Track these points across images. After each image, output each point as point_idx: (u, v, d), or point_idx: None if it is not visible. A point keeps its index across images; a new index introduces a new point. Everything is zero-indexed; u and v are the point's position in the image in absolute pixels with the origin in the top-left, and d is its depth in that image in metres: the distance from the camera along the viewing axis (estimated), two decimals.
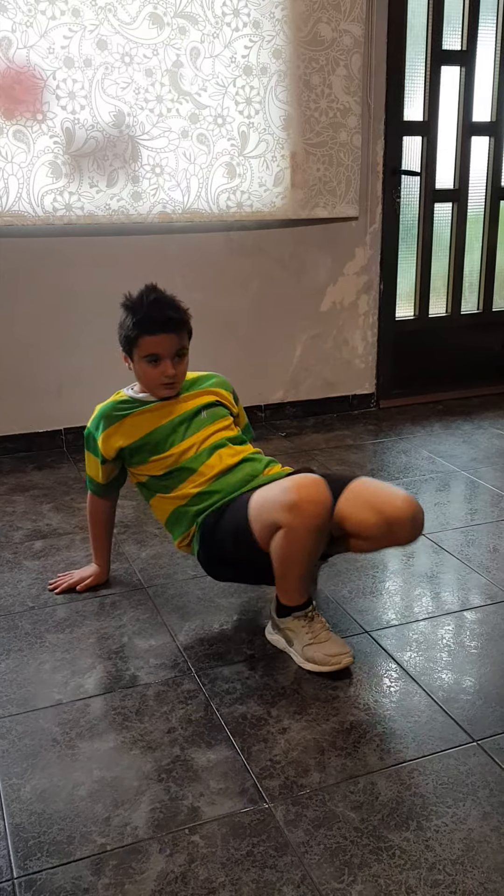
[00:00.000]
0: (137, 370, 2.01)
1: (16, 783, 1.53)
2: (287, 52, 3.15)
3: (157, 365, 1.97)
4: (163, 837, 1.41)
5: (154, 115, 3.02)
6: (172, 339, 1.96)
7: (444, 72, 3.54)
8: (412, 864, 1.34)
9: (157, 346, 1.95)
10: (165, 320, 1.94)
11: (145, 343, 1.95)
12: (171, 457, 1.98)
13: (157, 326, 1.94)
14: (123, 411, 2.02)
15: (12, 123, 2.86)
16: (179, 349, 1.98)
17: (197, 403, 2.06)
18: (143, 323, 1.94)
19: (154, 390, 2.02)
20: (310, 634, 1.85)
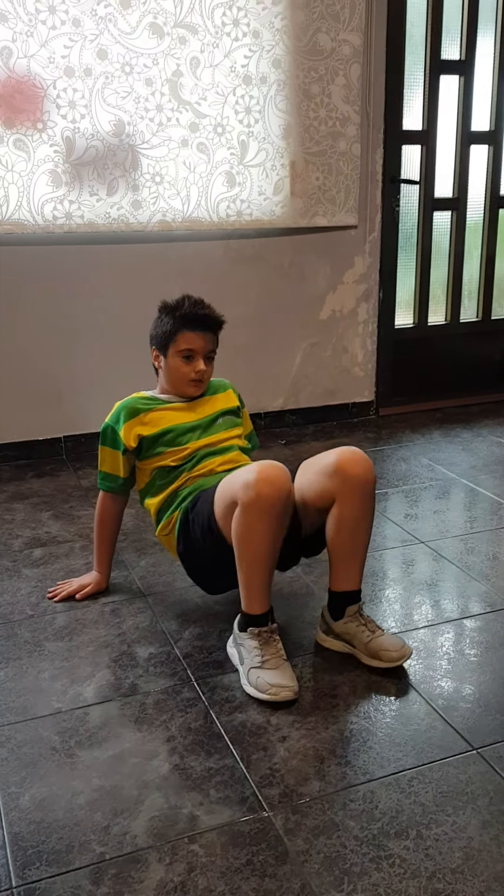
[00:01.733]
0: (170, 365, 2.10)
1: (15, 792, 1.53)
2: (286, 62, 3.17)
3: (190, 362, 2.08)
4: (162, 846, 1.40)
5: (154, 124, 3.04)
6: (208, 339, 2.09)
7: (443, 81, 3.56)
8: (412, 873, 1.34)
9: (194, 342, 2.07)
10: (206, 317, 2.09)
11: (184, 338, 2.07)
12: (186, 450, 2.06)
13: (197, 322, 2.07)
14: (146, 406, 2.10)
15: (13, 132, 2.87)
16: (211, 351, 2.11)
17: (216, 409, 2.15)
18: (185, 318, 2.06)
19: (182, 388, 2.11)
20: (259, 657, 1.79)
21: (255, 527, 1.74)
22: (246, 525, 1.75)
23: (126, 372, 2.62)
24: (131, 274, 3.20)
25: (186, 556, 2.03)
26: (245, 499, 1.73)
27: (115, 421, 2.09)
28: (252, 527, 1.74)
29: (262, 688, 1.76)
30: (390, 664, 1.84)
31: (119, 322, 3.19)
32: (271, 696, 1.74)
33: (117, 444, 2.08)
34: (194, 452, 2.06)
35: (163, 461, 2.06)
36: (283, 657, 1.81)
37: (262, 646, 1.80)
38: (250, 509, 1.73)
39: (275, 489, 1.72)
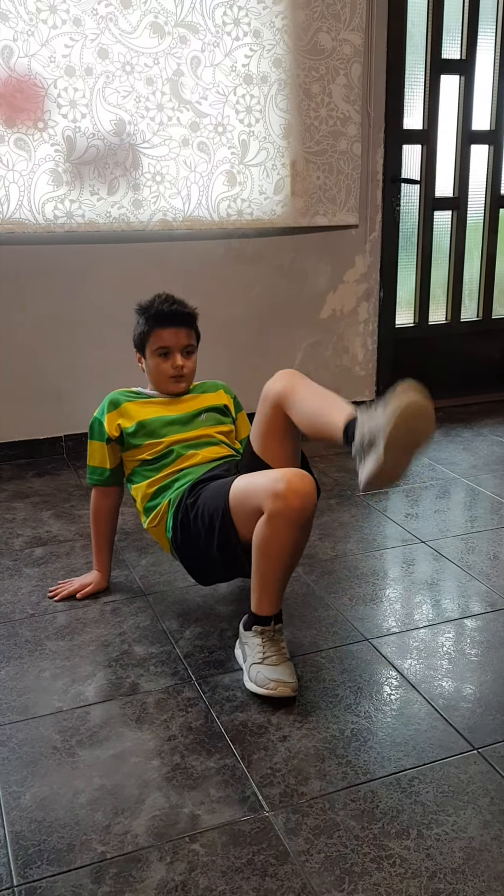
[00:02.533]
0: (149, 366, 2.15)
1: (16, 791, 1.53)
2: (287, 61, 3.17)
3: (167, 358, 2.12)
4: (163, 845, 1.40)
5: (155, 123, 3.04)
6: (181, 333, 2.11)
7: (443, 80, 3.56)
8: (413, 873, 1.34)
9: (167, 338, 2.10)
10: (174, 313, 2.11)
11: (156, 336, 2.10)
12: (162, 444, 2.09)
13: (167, 319, 2.10)
14: (129, 398, 2.14)
15: (13, 132, 2.87)
16: (188, 345, 2.13)
17: (200, 405, 2.17)
18: (155, 317, 2.12)
19: (164, 385, 2.15)
20: (261, 654, 1.79)
21: (281, 536, 1.73)
22: (272, 534, 1.73)
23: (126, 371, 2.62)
24: (132, 273, 3.20)
25: (184, 548, 1.99)
26: (273, 509, 1.70)
27: (100, 413, 2.14)
28: (277, 536, 1.73)
29: (260, 682, 1.76)
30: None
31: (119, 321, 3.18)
32: (269, 690, 1.74)
33: (102, 435, 2.12)
34: (170, 447, 2.08)
35: (141, 454, 2.09)
36: (285, 655, 1.81)
37: (264, 643, 1.80)
38: (278, 520, 1.71)
39: (304, 500, 1.71)
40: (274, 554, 1.75)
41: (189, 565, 2.05)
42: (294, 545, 1.76)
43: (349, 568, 2.37)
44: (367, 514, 2.74)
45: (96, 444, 2.14)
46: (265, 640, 1.80)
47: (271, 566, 1.77)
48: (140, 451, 2.10)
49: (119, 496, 2.21)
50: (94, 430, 2.14)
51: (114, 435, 2.10)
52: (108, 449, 2.12)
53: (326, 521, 2.68)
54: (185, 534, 1.97)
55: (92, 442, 2.15)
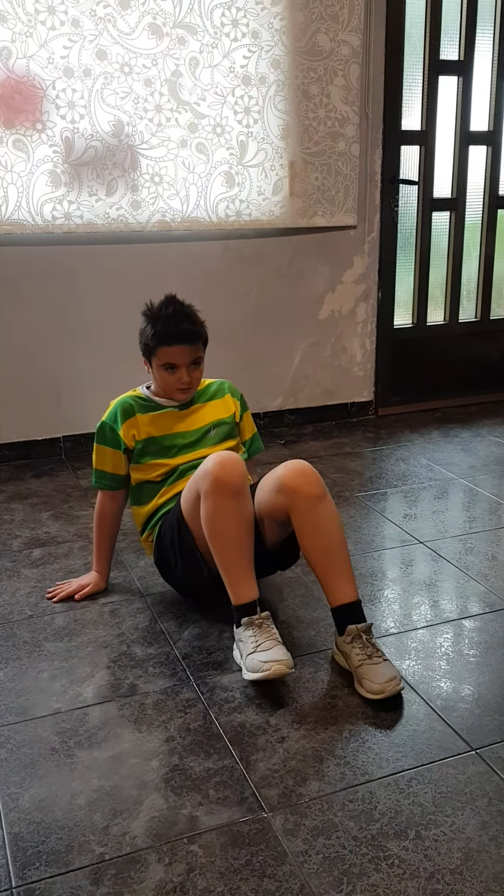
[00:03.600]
0: (155, 375, 2.13)
1: (14, 792, 1.53)
2: (285, 62, 3.17)
3: (173, 372, 2.09)
4: (161, 847, 1.40)
5: (153, 124, 3.04)
6: (188, 350, 2.08)
7: (441, 81, 3.56)
8: (411, 874, 1.34)
9: (173, 356, 2.07)
10: (181, 333, 2.06)
11: (162, 353, 2.07)
12: (168, 466, 2.09)
13: (173, 338, 2.06)
14: (140, 407, 2.13)
15: (12, 133, 2.87)
16: (195, 359, 2.11)
17: (208, 419, 2.17)
18: (161, 335, 2.05)
19: (170, 394, 2.14)
20: (254, 643, 1.79)
21: (221, 511, 1.81)
22: (212, 511, 1.82)
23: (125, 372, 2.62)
24: (130, 274, 3.20)
25: (161, 563, 2.11)
26: (205, 486, 1.82)
27: (112, 419, 2.11)
28: (217, 511, 1.81)
29: (255, 668, 1.76)
30: (370, 696, 1.74)
31: (118, 322, 3.19)
32: (265, 672, 1.74)
33: (118, 444, 2.10)
34: (175, 468, 2.09)
35: (147, 475, 2.10)
36: (277, 639, 1.81)
37: (256, 633, 1.81)
38: (212, 494, 1.81)
39: (228, 473, 1.82)
40: (221, 528, 1.82)
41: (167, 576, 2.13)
42: (236, 516, 1.82)
43: None
44: (365, 514, 2.75)
45: (108, 451, 2.12)
46: (255, 629, 1.82)
47: (225, 546, 1.83)
48: (148, 470, 2.10)
49: (125, 500, 2.22)
50: (107, 436, 2.12)
51: (130, 445, 2.10)
52: (125, 458, 2.12)
53: None
54: (158, 542, 2.07)
55: (103, 447, 2.12)
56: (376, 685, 1.74)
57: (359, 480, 3.04)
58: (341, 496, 2.89)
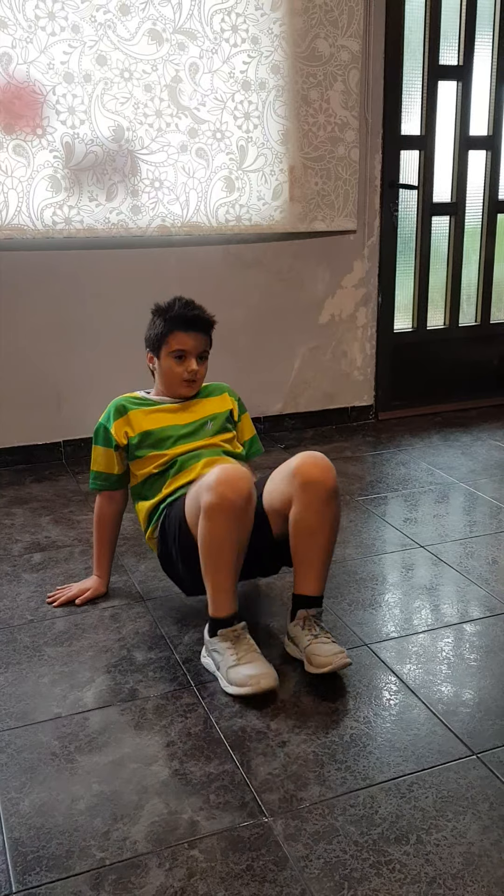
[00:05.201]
0: (163, 367, 2.13)
1: (14, 797, 1.53)
2: (285, 68, 3.18)
3: (182, 362, 2.10)
4: (162, 852, 1.40)
5: (153, 129, 3.05)
6: (199, 339, 2.11)
7: (440, 86, 3.57)
8: (412, 879, 1.34)
9: (185, 342, 2.09)
10: (195, 318, 2.10)
11: (175, 338, 2.09)
12: (167, 455, 2.08)
13: (188, 323, 2.09)
14: (134, 405, 2.13)
15: (12, 138, 2.88)
16: (203, 351, 2.13)
17: (205, 413, 2.16)
18: (176, 320, 2.09)
19: (175, 388, 2.14)
20: (234, 656, 1.79)
21: (217, 530, 1.77)
22: (208, 528, 1.78)
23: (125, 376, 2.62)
24: (131, 279, 3.20)
25: (163, 558, 2.08)
26: (206, 502, 1.77)
27: (106, 420, 2.13)
28: (214, 530, 1.77)
29: (241, 682, 1.76)
30: (316, 670, 1.80)
31: (118, 327, 3.19)
32: (252, 687, 1.74)
33: (109, 442, 2.11)
34: (174, 458, 2.08)
35: (147, 468, 2.09)
36: (256, 651, 1.81)
37: (234, 645, 1.81)
38: (211, 513, 1.77)
39: (234, 491, 1.76)
40: (216, 546, 1.79)
41: (169, 574, 2.11)
42: (234, 536, 1.78)
43: (348, 573, 2.37)
44: (365, 518, 2.74)
45: (101, 450, 2.13)
46: (233, 641, 1.81)
47: (215, 563, 1.81)
48: (146, 463, 2.09)
49: (124, 502, 2.21)
50: (100, 435, 2.13)
51: (122, 443, 2.10)
52: (116, 455, 2.12)
53: None
54: (161, 542, 2.05)
55: (97, 447, 2.14)
56: (322, 658, 1.79)
57: (359, 484, 3.04)
58: (342, 500, 2.89)
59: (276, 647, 1.98)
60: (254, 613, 2.14)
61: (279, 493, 1.93)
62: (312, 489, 1.86)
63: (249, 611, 2.15)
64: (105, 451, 2.12)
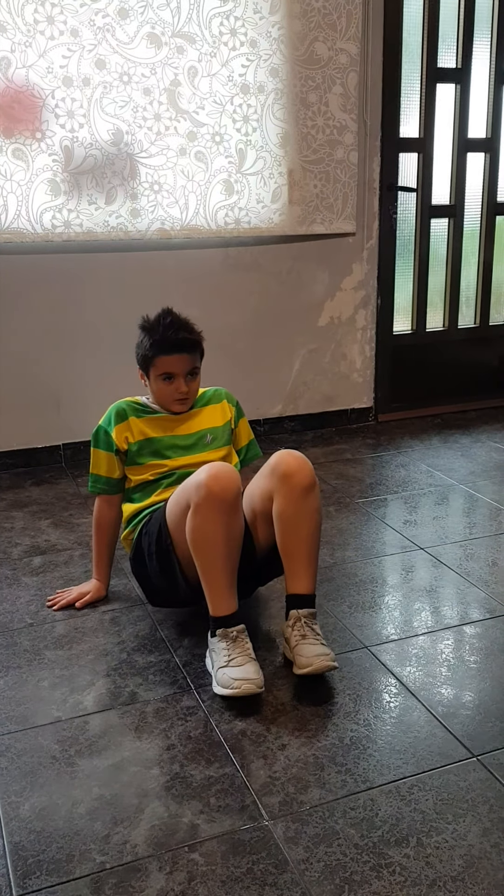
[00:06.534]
0: (153, 387, 2.13)
1: (15, 801, 1.53)
2: (284, 71, 3.18)
3: (171, 382, 2.09)
4: (162, 855, 1.40)
5: (152, 133, 3.05)
6: (186, 359, 2.08)
7: (439, 89, 3.57)
8: (413, 881, 1.34)
9: (171, 365, 2.07)
10: (180, 341, 2.07)
11: (161, 362, 2.07)
12: (166, 467, 2.09)
13: (172, 347, 2.06)
14: (135, 412, 2.13)
15: (11, 142, 2.88)
16: (192, 368, 2.11)
17: (204, 425, 2.16)
18: (160, 344, 2.07)
19: (167, 405, 2.14)
20: (226, 657, 1.79)
21: (207, 525, 1.78)
22: (198, 525, 1.79)
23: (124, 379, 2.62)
24: (130, 282, 3.21)
25: (135, 560, 2.08)
26: (196, 501, 1.79)
27: (107, 423, 2.13)
28: (203, 526, 1.79)
29: (225, 683, 1.76)
30: (298, 671, 1.81)
31: (118, 330, 3.19)
32: (234, 690, 1.74)
33: (111, 446, 2.11)
34: (173, 471, 2.08)
35: (144, 474, 2.09)
36: (250, 655, 1.81)
37: (229, 646, 1.81)
38: (202, 507, 1.78)
39: (223, 485, 1.78)
40: (209, 545, 1.79)
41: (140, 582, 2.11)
42: (225, 532, 1.79)
43: (348, 575, 2.37)
44: (365, 520, 2.75)
45: (103, 454, 2.13)
46: (229, 642, 1.81)
47: (210, 560, 1.81)
48: (144, 470, 2.09)
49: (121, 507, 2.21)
50: (100, 439, 2.13)
51: (123, 448, 2.10)
52: (117, 460, 2.12)
53: (325, 528, 2.68)
54: (136, 546, 2.05)
55: (97, 451, 2.13)
56: (304, 659, 1.80)
57: (359, 487, 3.04)
58: (341, 502, 2.89)
59: (276, 650, 1.99)
60: (254, 615, 2.15)
61: (259, 489, 1.95)
62: (290, 481, 1.88)
63: (249, 612, 2.15)
64: (106, 456, 2.12)
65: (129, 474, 2.13)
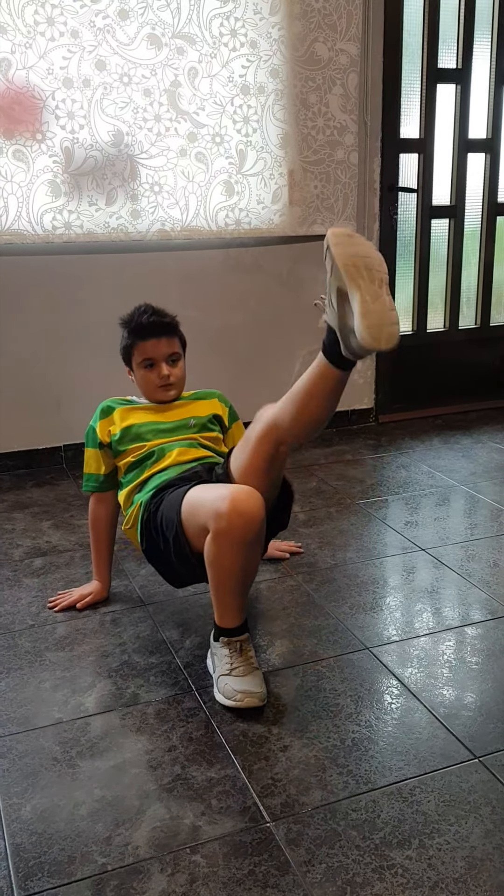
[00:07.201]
0: (137, 377, 2.16)
1: (16, 803, 1.53)
2: (284, 72, 3.18)
3: (152, 369, 2.13)
4: (164, 857, 1.40)
5: (152, 134, 3.05)
6: (163, 343, 2.12)
7: (439, 89, 3.57)
8: (415, 883, 1.34)
9: (150, 350, 2.11)
10: (153, 324, 2.12)
11: (139, 349, 2.12)
12: (146, 447, 2.09)
13: (147, 331, 2.11)
14: (120, 405, 2.17)
15: (12, 143, 2.88)
16: (172, 353, 2.13)
17: (189, 414, 2.17)
18: (135, 330, 2.12)
19: (154, 395, 2.16)
20: (228, 665, 1.78)
21: (227, 555, 1.72)
22: (218, 552, 1.73)
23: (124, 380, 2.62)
24: (131, 283, 3.20)
25: (151, 554, 1.99)
26: (216, 529, 1.69)
27: (94, 421, 2.16)
28: (223, 555, 1.72)
29: (228, 694, 1.76)
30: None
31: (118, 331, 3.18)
32: (237, 702, 1.74)
33: (95, 441, 2.14)
34: (152, 450, 2.07)
35: (126, 458, 2.10)
36: (253, 665, 1.80)
37: (232, 654, 1.80)
38: (221, 540, 1.70)
39: (246, 520, 1.68)
40: (224, 571, 1.75)
41: (158, 569, 2.04)
42: (242, 562, 1.74)
43: (349, 576, 2.37)
44: (366, 522, 2.74)
45: (90, 452, 2.16)
46: (232, 651, 1.80)
47: (223, 582, 1.77)
48: (126, 454, 2.10)
49: (115, 504, 2.21)
50: (89, 437, 2.17)
51: (105, 441, 2.12)
52: (102, 454, 2.14)
53: (326, 529, 2.68)
54: (149, 539, 1.97)
55: (87, 450, 2.17)
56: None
57: (360, 488, 3.04)
58: (342, 503, 2.89)
59: (274, 651, 1.98)
60: (252, 616, 2.14)
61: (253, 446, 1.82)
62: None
63: (248, 613, 2.15)
64: (93, 452, 2.15)
65: (117, 462, 2.14)
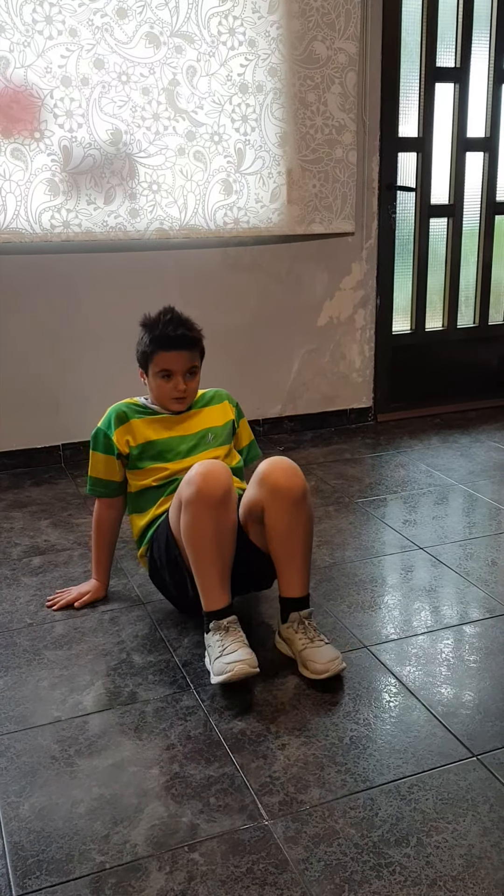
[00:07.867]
0: (151, 384, 2.13)
1: (14, 801, 1.53)
2: (282, 71, 3.18)
3: (169, 380, 2.08)
4: (162, 855, 1.40)
5: (151, 132, 3.05)
6: (185, 357, 2.08)
7: (438, 88, 3.57)
8: (413, 881, 1.34)
9: (170, 362, 2.07)
10: (179, 338, 2.06)
11: (160, 359, 2.07)
12: (167, 470, 2.07)
13: (171, 343, 2.06)
14: (136, 413, 2.12)
15: (10, 142, 2.88)
16: (191, 367, 2.10)
17: (205, 424, 2.15)
18: (159, 340, 2.06)
19: (166, 404, 2.13)
20: (220, 647, 1.80)
21: (196, 522, 1.79)
22: (188, 521, 1.80)
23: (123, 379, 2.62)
24: (129, 282, 3.20)
25: (153, 572, 2.09)
26: (186, 498, 1.80)
27: (107, 426, 2.11)
28: (193, 522, 1.79)
29: (220, 671, 1.77)
30: (314, 676, 1.82)
31: (117, 330, 3.19)
32: (229, 674, 1.74)
33: (111, 449, 2.10)
34: (174, 475, 2.07)
35: (146, 479, 2.08)
36: (243, 642, 1.81)
37: (222, 637, 1.81)
38: (191, 504, 1.79)
39: (211, 482, 1.79)
40: (199, 539, 1.80)
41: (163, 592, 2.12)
42: (215, 527, 1.80)
43: (347, 575, 2.37)
44: (365, 520, 2.74)
45: (101, 457, 2.11)
46: (222, 633, 1.82)
47: (201, 555, 1.82)
48: (146, 475, 2.08)
49: (123, 508, 2.21)
50: (100, 442, 2.11)
51: (124, 451, 2.09)
52: (118, 464, 2.11)
53: (324, 528, 2.68)
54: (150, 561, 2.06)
55: (96, 454, 2.12)
56: (319, 665, 1.81)
57: (358, 486, 3.04)
58: (341, 502, 2.89)
59: (274, 648, 1.98)
60: (249, 614, 2.14)
61: (248, 497, 1.93)
62: (280, 496, 1.85)
63: (246, 611, 2.15)
64: (106, 459, 2.11)
65: (130, 479, 2.12)
